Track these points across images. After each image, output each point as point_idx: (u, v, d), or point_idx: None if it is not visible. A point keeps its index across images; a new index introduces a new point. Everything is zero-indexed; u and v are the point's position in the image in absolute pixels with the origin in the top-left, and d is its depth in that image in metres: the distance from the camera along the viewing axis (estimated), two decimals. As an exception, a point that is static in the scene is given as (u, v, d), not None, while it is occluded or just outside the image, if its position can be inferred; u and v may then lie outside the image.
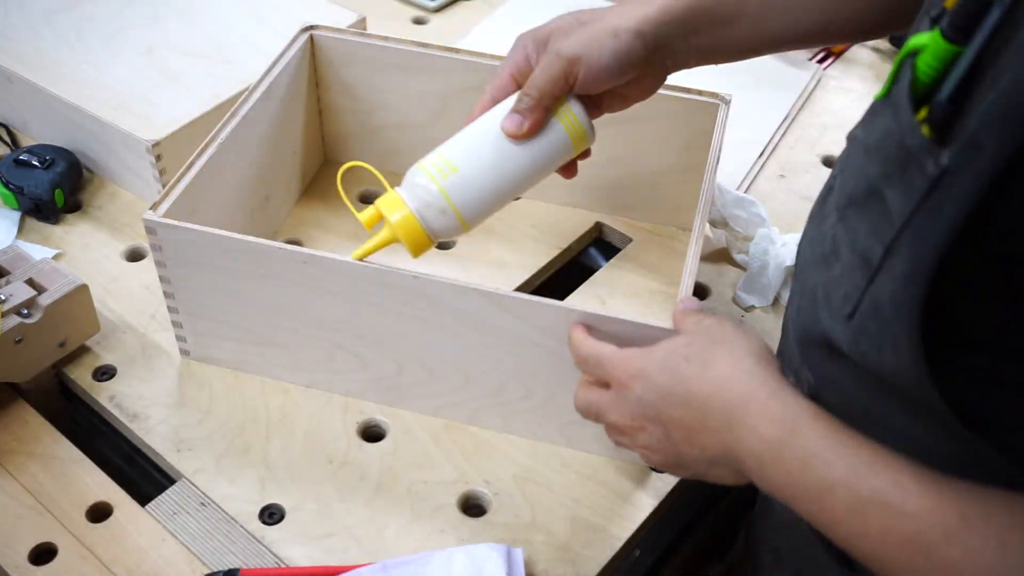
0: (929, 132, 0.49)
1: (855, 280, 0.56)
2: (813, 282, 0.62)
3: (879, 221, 0.54)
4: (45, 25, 1.08)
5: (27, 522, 0.74)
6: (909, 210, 0.50)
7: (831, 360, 0.60)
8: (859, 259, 0.55)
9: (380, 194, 0.69)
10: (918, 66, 0.50)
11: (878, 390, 0.57)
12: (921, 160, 0.49)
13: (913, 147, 0.50)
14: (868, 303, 0.54)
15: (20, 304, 0.79)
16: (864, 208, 0.56)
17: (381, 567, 0.71)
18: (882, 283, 0.53)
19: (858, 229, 0.56)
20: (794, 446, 0.54)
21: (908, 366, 0.52)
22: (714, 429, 0.58)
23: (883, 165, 0.54)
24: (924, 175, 0.49)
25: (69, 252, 0.95)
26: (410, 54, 0.95)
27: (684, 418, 0.60)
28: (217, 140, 0.83)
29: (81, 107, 0.97)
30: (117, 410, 0.82)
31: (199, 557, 0.72)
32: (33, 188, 0.95)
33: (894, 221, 0.52)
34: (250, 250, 0.75)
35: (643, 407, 0.62)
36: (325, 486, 0.77)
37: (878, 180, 0.54)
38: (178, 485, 0.77)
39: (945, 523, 0.48)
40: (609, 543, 0.75)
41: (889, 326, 0.52)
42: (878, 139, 0.55)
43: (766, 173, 1.07)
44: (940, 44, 0.49)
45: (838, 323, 0.58)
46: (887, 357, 0.53)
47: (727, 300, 0.93)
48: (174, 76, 1.02)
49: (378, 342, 0.79)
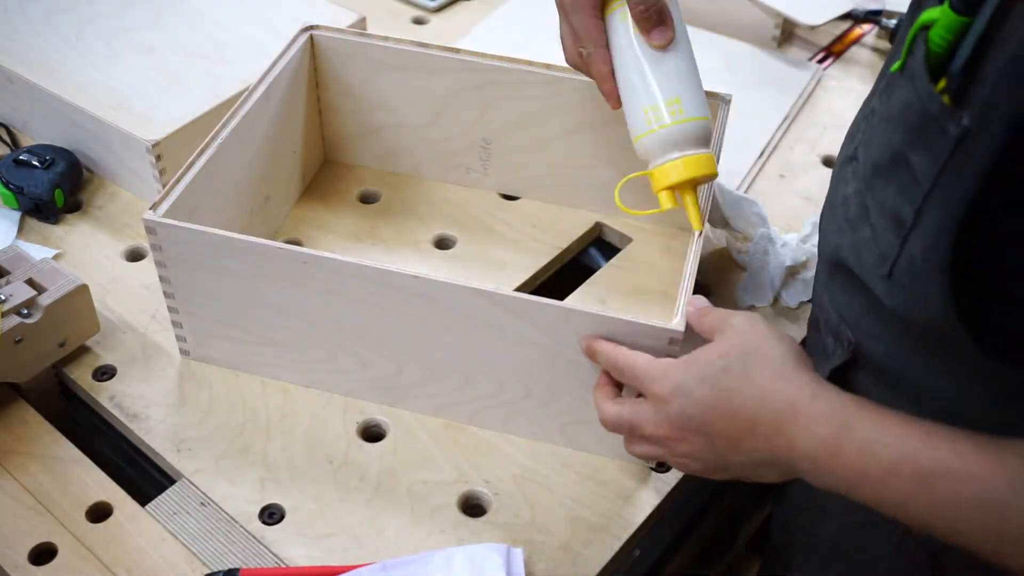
0: (949, 100, 0.53)
1: (889, 240, 0.59)
2: (835, 244, 0.66)
3: (907, 183, 0.57)
4: (45, 25, 1.08)
5: (27, 522, 0.74)
6: (936, 171, 0.54)
7: (871, 315, 0.63)
8: (891, 222, 0.59)
9: (380, 194, 0.69)
10: (931, 38, 0.54)
11: (914, 342, 0.60)
12: (943, 124, 0.53)
13: (934, 113, 0.54)
14: (904, 260, 0.58)
15: (20, 304, 0.79)
16: (891, 173, 0.60)
17: (381, 567, 0.71)
18: (915, 240, 0.56)
19: (886, 194, 0.60)
20: (850, 438, 0.56)
21: (940, 313, 0.55)
22: (763, 436, 0.59)
23: (906, 133, 0.58)
24: (947, 137, 0.53)
25: (69, 252, 0.95)
26: (410, 54, 0.95)
27: (730, 428, 0.61)
28: (217, 140, 0.83)
29: (81, 107, 0.97)
30: (117, 410, 0.82)
31: (199, 557, 0.72)
32: (33, 188, 0.95)
33: (922, 182, 0.55)
34: (250, 250, 0.75)
35: (685, 420, 0.63)
36: (325, 486, 0.77)
37: (902, 146, 0.58)
38: (178, 485, 0.77)
39: (1011, 478, 0.50)
40: (609, 543, 0.75)
41: (923, 278, 0.56)
42: (899, 109, 0.59)
43: (766, 173, 1.07)
44: (950, 16, 0.53)
45: (874, 281, 0.61)
46: (922, 307, 0.56)
47: (729, 300, 0.93)
48: (174, 76, 1.02)
49: (378, 342, 0.79)
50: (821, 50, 1.26)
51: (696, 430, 0.62)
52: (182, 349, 0.85)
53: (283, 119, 0.94)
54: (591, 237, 1.01)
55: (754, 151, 1.09)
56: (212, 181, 0.83)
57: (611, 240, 1.01)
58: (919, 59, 0.55)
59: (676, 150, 0.75)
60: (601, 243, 1.01)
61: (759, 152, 1.09)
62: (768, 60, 1.22)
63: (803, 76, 1.20)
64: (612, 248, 1.00)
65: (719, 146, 0.87)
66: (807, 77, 1.20)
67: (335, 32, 0.96)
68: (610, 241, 1.01)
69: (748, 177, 1.06)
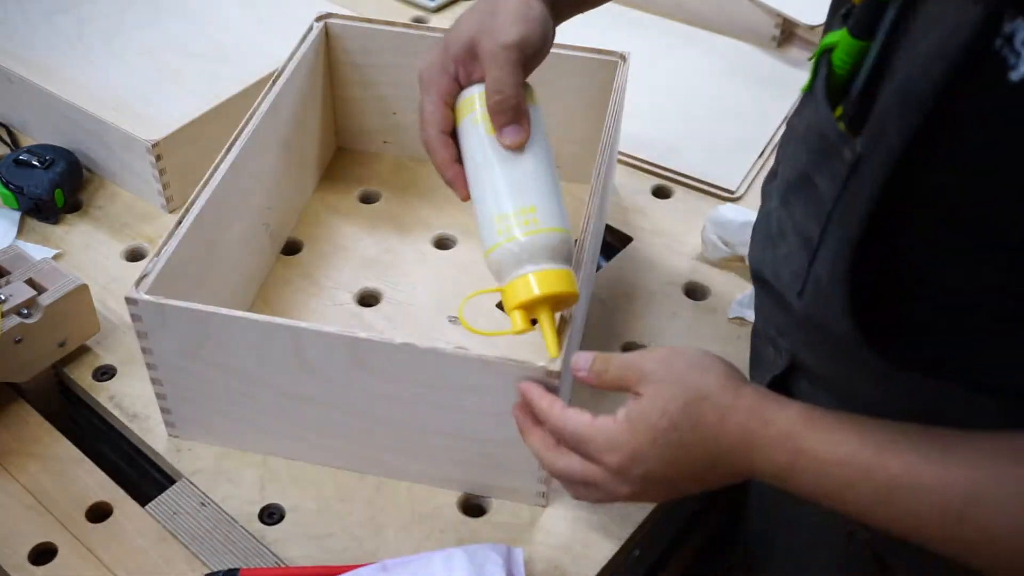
0: (844, 127, 0.55)
1: (801, 260, 0.61)
2: (759, 259, 0.69)
3: (814, 205, 0.59)
4: (45, 25, 1.08)
5: (27, 522, 0.74)
6: (835, 194, 0.56)
7: (795, 329, 0.65)
8: (801, 240, 0.61)
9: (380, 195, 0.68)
10: (833, 61, 0.56)
11: (834, 352, 0.62)
12: (840, 149, 0.55)
13: (832, 138, 0.56)
14: (812, 280, 0.60)
15: (20, 304, 0.79)
16: (800, 193, 0.62)
17: (381, 567, 0.71)
18: (822, 260, 0.58)
19: (798, 213, 0.62)
20: (803, 460, 0.56)
21: (844, 327, 0.56)
22: (725, 468, 0.60)
23: (811, 153, 0.60)
24: (843, 162, 0.55)
25: (69, 252, 0.95)
26: (425, 39, 0.96)
27: (692, 473, 0.61)
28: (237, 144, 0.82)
29: (81, 107, 0.97)
30: (117, 410, 0.82)
31: (199, 557, 0.72)
32: (33, 188, 0.95)
33: (825, 204, 0.57)
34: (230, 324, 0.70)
35: (647, 481, 0.61)
36: (325, 486, 0.77)
37: (808, 167, 0.60)
38: (178, 485, 0.77)
39: (964, 489, 0.51)
40: (609, 543, 0.75)
41: (829, 295, 0.58)
42: (805, 129, 0.61)
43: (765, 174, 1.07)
44: (849, 41, 0.55)
45: (791, 297, 0.63)
46: (833, 323, 0.58)
47: (728, 301, 0.93)
48: (174, 76, 1.02)
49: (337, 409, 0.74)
50: (821, 50, 1.26)
51: (658, 482, 0.62)
52: (170, 434, 0.80)
53: (300, 111, 0.94)
54: (591, 237, 1.00)
55: (754, 151, 1.09)
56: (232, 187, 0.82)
57: (611, 240, 1.01)
58: (821, 82, 0.57)
59: (530, 264, 0.67)
60: (601, 243, 1.01)
61: (759, 152, 1.08)
62: (768, 60, 1.22)
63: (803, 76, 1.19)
64: (612, 248, 1.00)
65: (617, 107, 0.87)
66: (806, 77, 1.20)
67: (350, 20, 0.97)
68: (610, 241, 1.01)
69: (748, 178, 1.05)
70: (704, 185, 1.04)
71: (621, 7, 1.30)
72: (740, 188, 1.04)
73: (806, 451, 0.56)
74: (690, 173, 1.05)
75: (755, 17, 1.23)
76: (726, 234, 0.94)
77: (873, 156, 0.52)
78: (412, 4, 1.31)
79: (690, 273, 0.95)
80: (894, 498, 0.54)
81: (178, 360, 0.74)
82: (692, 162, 1.06)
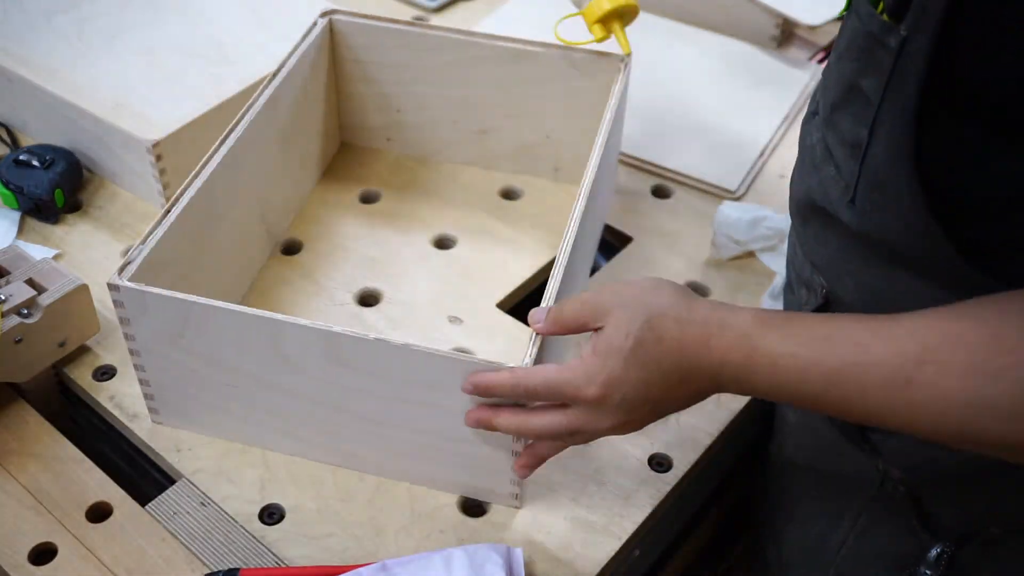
0: (887, 17, 0.56)
1: (850, 168, 0.62)
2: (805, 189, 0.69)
3: (861, 109, 0.60)
4: (45, 25, 1.08)
5: (27, 522, 0.74)
6: (883, 85, 0.57)
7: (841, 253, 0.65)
8: (849, 149, 0.62)
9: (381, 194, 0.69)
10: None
11: (884, 270, 0.62)
12: (884, 40, 0.56)
13: (876, 32, 0.57)
14: (864, 181, 0.60)
15: (20, 304, 0.79)
16: (846, 106, 0.62)
17: (381, 567, 0.71)
18: (873, 156, 0.59)
19: (843, 126, 0.63)
20: (759, 357, 0.59)
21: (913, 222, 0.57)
22: (694, 380, 0.62)
23: (855, 61, 0.61)
24: (888, 50, 0.56)
25: (69, 252, 0.95)
26: (428, 37, 0.96)
27: (665, 388, 0.63)
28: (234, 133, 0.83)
29: (81, 107, 0.97)
30: (117, 410, 0.82)
31: (199, 557, 0.72)
32: (33, 188, 0.95)
33: (874, 101, 0.58)
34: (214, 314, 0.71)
35: (628, 404, 0.64)
36: (325, 486, 0.77)
37: (854, 76, 0.61)
38: (178, 485, 0.77)
39: (911, 354, 0.53)
40: (609, 543, 0.75)
41: (889, 189, 0.58)
42: (847, 42, 0.62)
43: (766, 173, 1.07)
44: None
45: (842, 211, 0.63)
46: (893, 221, 0.58)
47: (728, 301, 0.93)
48: (174, 76, 1.02)
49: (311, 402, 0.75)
50: (821, 50, 1.26)
51: (640, 405, 0.64)
52: (153, 421, 0.81)
53: (301, 106, 0.95)
54: (591, 237, 1.01)
55: (754, 151, 1.09)
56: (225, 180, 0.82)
57: (611, 240, 1.01)
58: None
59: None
60: (601, 243, 1.01)
61: (759, 152, 1.09)
62: (768, 60, 1.22)
63: (803, 76, 1.20)
64: (612, 248, 1.00)
65: (618, 107, 0.90)
66: (807, 77, 1.20)
67: (354, 16, 0.97)
68: (610, 241, 1.01)
69: (748, 177, 1.05)
70: (704, 185, 1.04)
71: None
72: (740, 188, 1.04)
73: (760, 348, 0.58)
74: (690, 173, 1.05)
75: (755, 17, 1.23)
76: (736, 232, 0.94)
77: (918, 35, 0.53)
78: (412, 4, 1.31)
79: (690, 273, 0.95)
80: (843, 379, 0.55)
81: (160, 347, 0.75)
82: (692, 162, 1.06)
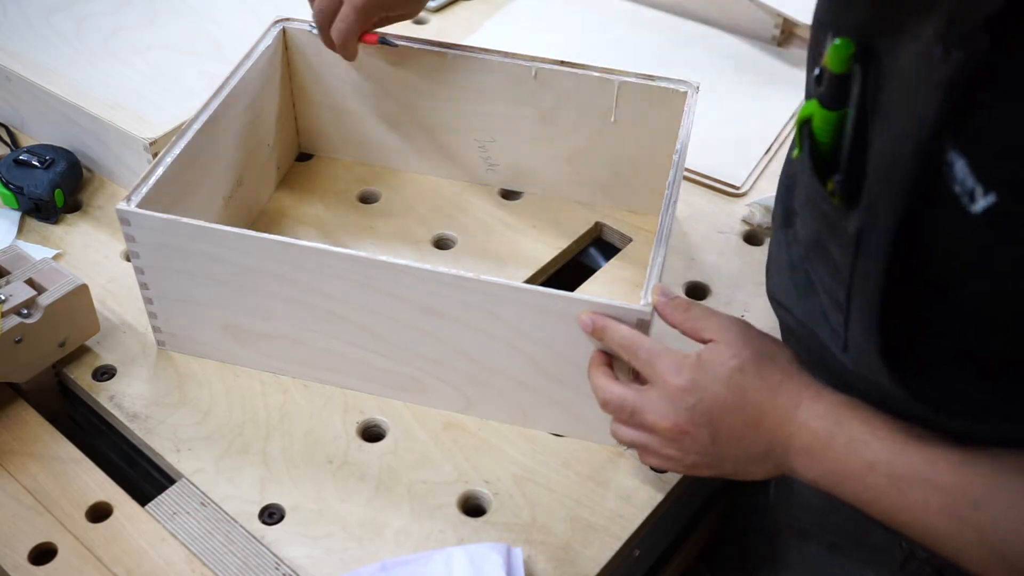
0: (838, 201, 0.55)
1: (836, 319, 0.63)
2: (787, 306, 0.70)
3: (834, 271, 0.60)
4: (44, 24, 1.08)
5: (27, 522, 0.74)
6: (849, 265, 0.57)
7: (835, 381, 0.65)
8: (832, 302, 0.63)
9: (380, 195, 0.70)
10: (815, 131, 0.56)
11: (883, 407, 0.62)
12: (841, 224, 0.56)
13: (831, 214, 0.57)
14: (852, 339, 0.61)
15: (20, 304, 0.79)
16: (819, 256, 0.63)
17: (381, 567, 0.71)
18: (854, 323, 0.60)
19: (823, 274, 0.63)
20: (839, 434, 0.60)
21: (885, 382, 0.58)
22: (767, 429, 0.63)
23: (818, 221, 0.61)
24: (847, 236, 0.56)
25: (69, 252, 0.95)
26: None
27: (737, 423, 0.64)
28: (189, 131, 0.84)
29: (80, 106, 0.97)
30: (117, 410, 0.82)
31: (199, 557, 0.72)
32: (33, 188, 0.95)
33: (843, 272, 0.58)
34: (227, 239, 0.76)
35: (697, 415, 0.65)
36: (325, 486, 0.77)
37: (820, 234, 0.61)
38: (178, 485, 0.77)
39: (973, 493, 0.54)
40: (609, 543, 0.75)
41: (866, 354, 0.59)
42: (806, 197, 0.62)
43: (769, 173, 1.07)
44: (822, 111, 0.55)
45: (835, 350, 0.64)
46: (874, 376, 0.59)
47: (727, 301, 0.93)
48: (172, 75, 1.02)
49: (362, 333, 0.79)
50: (821, 49, 1.26)
51: (705, 424, 0.65)
52: (158, 340, 0.86)
53: (257, 111, 0.94)
54: (591, 237, 1.00)
55: (757, 151, 1.08)
56: (184, 172, 0.83)
57: (611, 240, 1.01)
58: (807, 154, 0.57)
59: None
60: (601, 243, 1.01)
61: (762, 152, 1.08)
62: (768, 60, 1.22)
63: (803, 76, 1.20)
64: (612, 248, 1.00)
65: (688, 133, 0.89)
66: (807, 77, 1.20)
67: (307, 23, 0.97)
68: (610, 241, 1.01)
69: (751, 178, 1.05)
70: (711, 181, 1.04)
71: (624, 5, 1.30)
72: (745, 184, 1.04)
73: (842, 424, 0.60)
74: (695, 170, 1.05)
75: (755, 17, 1.23)
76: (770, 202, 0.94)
77: (872, 233, 0.54)
78: (412, 3, 1.30)
79: (690, 273, 0.95)
80: (909, 488, 0.56)
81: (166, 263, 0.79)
82: (696, 160, 1.06)
